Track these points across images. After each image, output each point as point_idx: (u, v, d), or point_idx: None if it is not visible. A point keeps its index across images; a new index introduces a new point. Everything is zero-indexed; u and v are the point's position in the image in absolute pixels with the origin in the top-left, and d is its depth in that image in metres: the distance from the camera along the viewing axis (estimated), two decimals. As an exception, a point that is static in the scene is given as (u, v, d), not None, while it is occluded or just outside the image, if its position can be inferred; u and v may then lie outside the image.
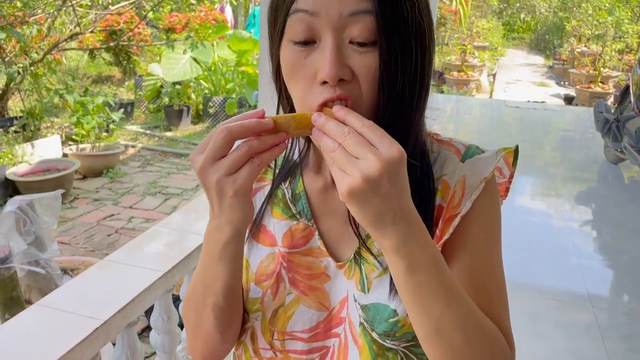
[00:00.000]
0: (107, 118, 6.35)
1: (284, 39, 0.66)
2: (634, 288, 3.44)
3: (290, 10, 0.63)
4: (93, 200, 5.23)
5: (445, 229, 0.71)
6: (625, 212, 4.55)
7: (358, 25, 0.61)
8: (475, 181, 0.71)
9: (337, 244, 0.76)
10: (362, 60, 0.63)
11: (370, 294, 0.73)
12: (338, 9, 0.61)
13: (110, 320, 1.67)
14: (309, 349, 0.76)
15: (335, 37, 0.62)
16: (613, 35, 12.29)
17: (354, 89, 0.63)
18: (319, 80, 0.63)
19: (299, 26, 0.63)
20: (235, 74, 8.36)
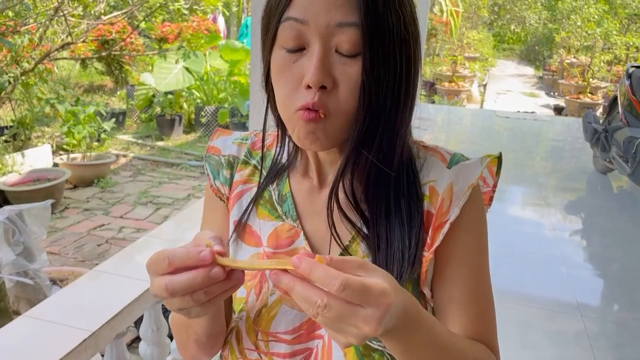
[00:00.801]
0: (99, 127, 6.33)
1: (275, 45, 0.69)
2: (623, 297, 3.47)
3: (282, 18, 0.66)
4: (83, 210, 5.20)
5: (435, 236, 0.72)
6: (614, 222, 4.59)
7: (344, 35, 0.64)
8: (462, 187, 0.72)
9: (322, 245, 0.77)
10: (345, 70, 0.65)
11: None
12: (326, 19, 0.64)
13: (98, 331, 1.66)
14: (292, 352, 0.76)
15: (322, 45, 0.65)
16: (602, 46, 12.44)
17: (332, 99, 0.66)
18: (304, 84, 0.66)
19: (290, 33, 0.66)
20: (227, 83, 8.38)
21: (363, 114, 0.66)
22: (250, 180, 0.83)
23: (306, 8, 0.65)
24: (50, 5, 6.06)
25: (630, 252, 4.02)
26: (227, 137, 0.87)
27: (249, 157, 0.84)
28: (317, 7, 0.64)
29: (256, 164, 0.84)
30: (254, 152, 0.85)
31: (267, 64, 0.72)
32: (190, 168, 6.66)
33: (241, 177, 0.83)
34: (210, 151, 0.86)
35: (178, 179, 6.24)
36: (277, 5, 0.68)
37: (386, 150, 0.70)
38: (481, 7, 16.43)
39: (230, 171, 0.84)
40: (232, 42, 8.59)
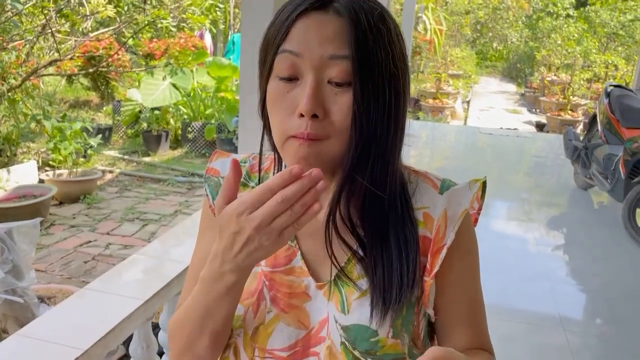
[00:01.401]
0: (85, 143, 6.32)
1: (271, 75, 0.74)
2: (605, 311, 3.54)
3: (278, 50, 0.71)
4: (70, 226, 5.18)
5: (434, 261, 0.77)
6: (595, 237, 4.69)
7: (336, 67, 0.69)
8: (456, 213, 0.77)
9: (318, 265, 0.80)
10: (337, 100, 0.70)
11: (351, 315, 0.77)
12: (319, 52, 0.69)
13: (90, 349, 1.67)
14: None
15: (315, 76, 0.70)
16: (581, 64, 12.73)
17: (324, 128, 0.70)
18: (297, 113, 0.70)
19: (285, 64, 0.71)
20: (214, 99, 8.43)
21: (355, 141, 0.71)
22: None
23: (301, 42, 0.70)
24: (38, 22, 6.09)
25: (611, 266, 4.12)
26: (226, 159, 0.90)
27: (248, 179, 0.88)
28: (311, 41, 0.69)
29: (254, 186, 0.87)
30: (252, 175, 0.88)
31: (263, 93, 0.77)
32: (177, 184, 6.66)
33: None
34: (210, 172, 0.89)
35: (165, 195, 6.24)
36: (274, 38, 0.73)
37: (379, 176, 0.75)
38: (464, 25, 16.74)
39: None
40: (219, 58, 8.66)
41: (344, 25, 0.69)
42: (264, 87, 0.76)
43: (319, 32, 0.70)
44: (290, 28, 0.71)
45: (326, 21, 0.70)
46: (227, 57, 9.80)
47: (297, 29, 0.70)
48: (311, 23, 0.70)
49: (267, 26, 0.76)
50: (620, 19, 14.85)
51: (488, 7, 17.58)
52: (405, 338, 0.77)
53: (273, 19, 0.75)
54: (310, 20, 0.70)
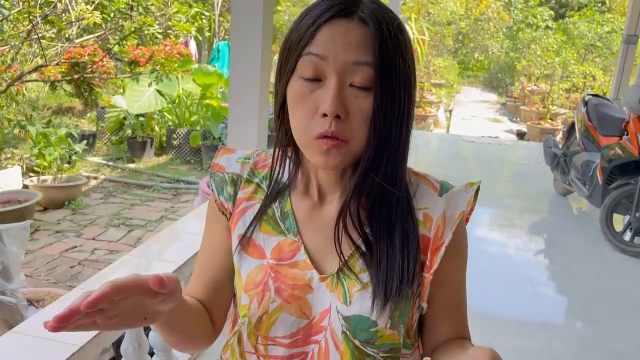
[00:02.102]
0: (70, 149, 6.30)
1: (294, 75, 0.78)
2: (583, 313, 3.64)
3: (303, 52, 0.76)
4: (55, 232, 5.16)
5: (433, 259, 0.82)
6: (574, 241, 4.80)
7: (359, 73, 0.74)
8: (454, 214, 0.84)
9: (321, 259, 0.85)
10: (357, 103, 0.75)
11: (352, 306, 0.81)
12: (344, 57, 0.74)
13: (86, 345, 1.71)
14: (289, 355, 0.83)
15: (338, 79, 0.74)
16: (560, 75, 13.00)
17: (346, 128, 0.75)
18: (320, 113, 0.75)
19: (309, 66, 0.75)
20: (199, 106, 8.45)
21: (372, 143, 0.76)
22: (253, 198, 0.89)
23: (326, 46, 0.74)
24: (22, 27, 6.07)
25: (589, 270, 4.23)
26: (231, 156, 0.93)
27: (252, 175, 0.91)
28: (337, 46, 0.74)
29: (259, 182, 0.90)
30: (257, 171, 0.91)
31: (282, 93, 0.80)
32: (162, 190, 6.66)
33: (245, 195, 0.89)
34: (215, 168, 0.92)
35: (150, 201, 6.24)
36: (298, 40, 0.76)
37: (391, 176, 0.81)
38: (446, 35, 16.97)
39: (234, 188, 0.90)
40: (204, 66, 8.68)
41: (367, 34, 0.74)
42: (283, 86, 0.80)
43: (345, 38, 0.74)
44: (316, 32, 0.75)
45: (351, 28, 0.74)
46: (213, 64, 9.84)
47: (323, 34, 0.74)
48: (337, 29, 0.74)
49: (289, 30, 0.79)
50: (598, 31, 15.19)
51: (470, 18, 17.86)
52: (401, 329, 0.82)
53: (295, 23, 0.79)
54: (336, 27, 0.74)
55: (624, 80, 7.78)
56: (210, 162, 5.17)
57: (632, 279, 4.14)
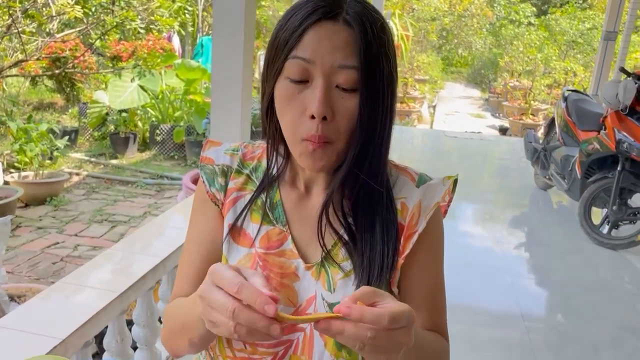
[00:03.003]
0: (51, 145, 6.24)
1: (281, 76, 0.79)
2: (562, 304, 3.72)
3: (289, 55, 0.77)
4: (36, 228, 5.12)
5: (406, 245, 0.85)
6: (553, 235, 4.89)
7: (344, 75, 0.76)
8: (429, 204, 0.87)
9: (307, 248, 0.88)
10: (344, 103, 0.77)
11: (336, 293, 0.84)
12: (330, 60, 0.76)
13: (68, 339, 1.71)
14: (275, 342, 0.85)
15: (325, 81, 0.76)
16: (542, 71, 13.15)
17: (332, 129, 0.78)
18: (308, 114, 0.77)
19: (296, 68, 0.77)
20: (183, 102, 8.41)
21: (358, 141, 0.79)
22: (244, 188, 0.92)
23: (313, 49, 0.76)
24: (1, 22, 5.99)
25: (568, 262, 4.31)
26: (218, 148, 0.95)
27: (242, 167, 0.93)
28: (323, 50, 0.75)
29: (249, 173, 0.93)
30: (246, 163, 0.93)
31: (270, 92, 0.82)
32: (145, 186, 6.63)
33: (235, 185, 0.92)
34: (204, 161, 0.94)
35: (133, 197, 6.21)
36: (285, 42, 0.78)
37: (375, 171, 0.84)
38: (430, 31, 17.06)
39: (225, 179, 0.92)
40: (188, 61, 8.64)
41: (352, 36, 0.76)
42: (270, 86, 0.81)
43: (330, 42, 0.76)
44: (302, 35, 0.76)
45: (337, 31, 0.76)
46: (196, 59, 9.79)
47: (310, 37, 0.76)
48: (323, 32, 0.76)
49: (276, 29, 0.81)
50: (579, 28, 15.38)
51: (453, 14, 17.96)
52: None
53: (281, 22, 0.80)
54: (322, 30, 0.76)
55: (604, 76, 7.90)
56: (194, 158, 5.24)
57: (609, 271, 4.24)
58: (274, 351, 0.87)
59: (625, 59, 7.91)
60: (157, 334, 2.44)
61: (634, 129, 4.26)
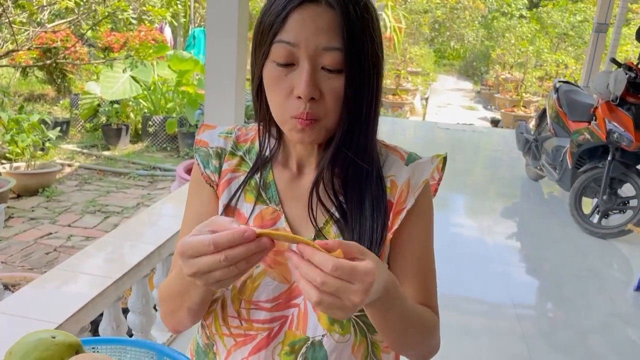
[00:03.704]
0: (43, 136, 6.21)
1: (267, 60, 0.81)
2: (552, 292, 3.77)
3: (274, 39, 0.78)
4: (29, 219, 5.10)
5: (394, 220, 0.88)
6: (544, 225, 4.94)
7: (329, 57, 0.77)
8: (418, 182, 0.89)
9: (300, 226, 0.90)
10: (330, 84, 0.79)
11: None
12: (314, 43, 0.77)
13: (64, 324, 1.72)
14: (271, 318, 0.88)
15: (310, 63, 0.77)
16: (534, 63, 13.21)
17: (320, 108, 0.80)
18: (295, 95, 0.79)
19: (282, 52, 0.78)
20: (175, 93, 8.38)
21: (345, 119, 0.81)
22: (238, 170, 0.94)
23: (297, 33, 0.77)
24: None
25: (559, 251, 4.36)
26: (213, 131, 0.97)
27: (235, 149, 0.95)
28: (307, 33, 0.76)
29: (242, 155, 0.95)
30: (239, 145, 0.95)
31: (259, 75, 0.84)
32: (138, 177, 6.62)
33: (229, 167, 0.93)
34: (199, 144, 0.96)
35: (126, 188, 6.19)
36: (269, 26, 0.79)
37: (362, 148, 0.86)
38: (423, 24, 17.07)
39: (219, 161, 0.94)
40: (180, 52, 8.60)
41: (335, 18, 0.77)
42: (259, 69, 0.83)
43: (314, 24, 0.77)
44: (286, 19, 0.77)
45: (320, 13, 0.77)
46: (188, 50, 9.75)
47: (293, 20, 0.77)
48: (306, 15, 0.77)
49: (261, 13, 0.82)
50: (571, 20, 15.44)
51: (446, 6, 17.96)
52: None
53: (266, 6, 0.81)
54: (305, 12, 0.77)
55: (595, 67, 7.95)
56: (187, 149, 5.24)
57: (599, 259, 4.29)
58: (270, 327, 0.89)
59: (616, 52, 7.96)
60: (153, 320, 2.46)
61: (624, 120, 4.30)
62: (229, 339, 0.91)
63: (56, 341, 0.73)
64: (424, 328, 0.87)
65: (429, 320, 0.89)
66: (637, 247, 4.37)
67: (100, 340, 0.89)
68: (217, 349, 0.93)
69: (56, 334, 0.75)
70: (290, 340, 0.89)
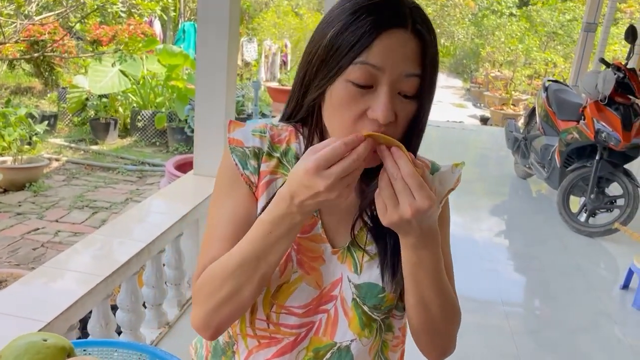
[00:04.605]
0: (30, 130, 6.15)
1: (340, 77, 0.79)
2: (540, 289, 3.80)
3: (357, 60, 0.77)
4: (16, 214, 5.05)
5: None
6: (533, 222, 4.98)
7: (408, 83, 0.79)
8: (443, 190, 0.89)
9: (334, 234, 0.91)
10: (404, 109, 0.80)
11: (362, 275, 0.90)
12: (399, 69, 0.77)
13: (53, 322, 1.71)
14: (300, 324, 0.90)
15: (391, 88, 0.78)
16: (523, 61, 13.28)
17: (391, 130, 0.80)
18: (371, 117, 0.78)
19: (362, 73, 0.77)
20: (164, 88, 8.32)
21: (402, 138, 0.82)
22: (276, 172, 0.91)
23: (384, 57, 0.76)
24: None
25: (546, 249, 4.40)
26: (244, 129, 0.93)
27: (272, 150, 0.92)
28: (394, 59, 0.77)
29: (280, 157, 0.92)
30: (275, 146, 0.92)
31: (320, 88, 0.82)
32: (127, 172, 6.57)
33: (268, 168, 0.91)
34: (233, 143, 0.91)
35: (115, 183, 6.15)
36: (350, 45, 0.77)
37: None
38: (413, 20, 17.05)
39: (257, 161, 0.90)
40: (170, 46, 8.55)
41: (421, 47, 0.78)
42: (323, 85, 0.81)
43: (401, 51, 0.77)
44: (373, 42, 0.76)
45: (407, 40, 0.77)
46: (178, 45, 9.68)
47: (382, 45, 0.76)
48: (394, 40, 0.77)
49: (330, 25, 0.80)
50: (560, 19, 15.52)
51: (436, 4, 17.98)
52: (397, 291, 0.92)
53: (336, 26, 0.79)
54: (393, 37, 0.77)
55: (583, 67, 8.01)
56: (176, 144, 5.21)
57: (586, 257, 4.33)
58: (297, 332, 0.90)
59: (604, 51, 8.02)
60: (142, 318, 2.45)
61: (612, 119, 4.34)
62: (252, 340, 0.92)
63: (47, 344, 0.72)
64: (450, 305, 0.89)
65: (455, 302, 0.92)
66: (624, 245, 4.42)
67: (91, 342, 0.88)
68: (237, 348, 0.94)
69: (47, 336, 0.74)
70: (315, 346, 0.91)
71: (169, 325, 2.71)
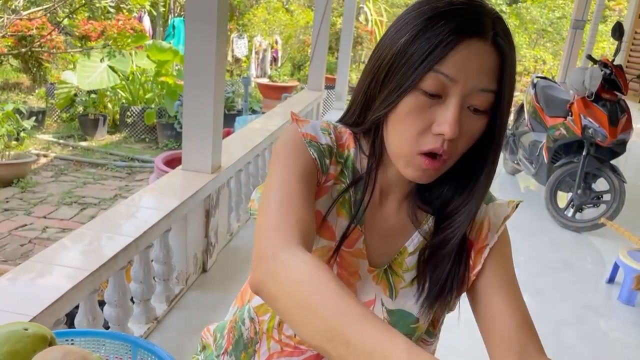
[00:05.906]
0: (18, 126, 6.10)
1: (414, 88, 0.73)
2: (527, 283, 3.83)
3: (431, 68, 0.72)
4: (3, 210, 5.01)
5: (477, 259, 0.85)
6: (520, 217, 5.00)
7: (481, 97, 0.73)
8: (498, 220, 0.86)
9: (373, 251, 0.87)
10: (471, 124, 0.75)
11: (397, 301, 0.87)
12: (474, 83, 0.72)
13: (38, 316, 1.70)
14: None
15: (461, 101, 0.73)
16: (512, 58, 13.33)
17: (453, 147, 0.75)
18: (435, 132, 0.74)
19: (435, 83, 0.72)
20: (154, 84, 8.28)
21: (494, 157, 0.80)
22: (338, 179, 0.87)
23: (460, 69, 0.71)
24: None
25: (533, 244, 4.43)
26: (312, 125, 0.86)
27: (339, 155, 0.87)
28: (470, 71, 0.71)
29: (343, 162, 0.87)
30: (339, 151, 0.87)
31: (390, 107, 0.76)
32: (116, 168, 6.54)
33: (334, 172, 0.86)
34: (309, 137, 0.83)
35: (103, 180, 6.12)
36: (425, 53, 0.72)
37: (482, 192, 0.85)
38: (404, 17, 17.07)
39: (329, 161, 0.85)
40: (159, 42, 8.50)
41: (499, 61, 0.73)
42: (397, 96, 0.75)
43: (478, 64, 0.72)
44: (450, 51, 0.71)
45: (486, 52, 0.72)
46: (167, 41, 9.64)
47: (459, 55, 0.71)
48: (472, 51, 0.72)
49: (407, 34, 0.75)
50: (549, 16, 15.62)
51: None
52: (429, 319, 0.91)
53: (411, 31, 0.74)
54: (472, 48, 0.71)
55: (572, 63, 8.07)
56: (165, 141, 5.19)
57: (573, 252, 4.37)
58: None
59: (592, 48, 8.08)
60: (130, 313, 2.45)
61: (599, 115, 4.38)
62: (276, 345, 0.89)
63: (28, 333, 0.72)
64: None
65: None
66: (610, 240, 4.46)
67: (75, 332, 0.88)
68: (259, 347, 0.91)
69: (28, 326, 0.74)
70: None
71: (157, 320, 2.71)
